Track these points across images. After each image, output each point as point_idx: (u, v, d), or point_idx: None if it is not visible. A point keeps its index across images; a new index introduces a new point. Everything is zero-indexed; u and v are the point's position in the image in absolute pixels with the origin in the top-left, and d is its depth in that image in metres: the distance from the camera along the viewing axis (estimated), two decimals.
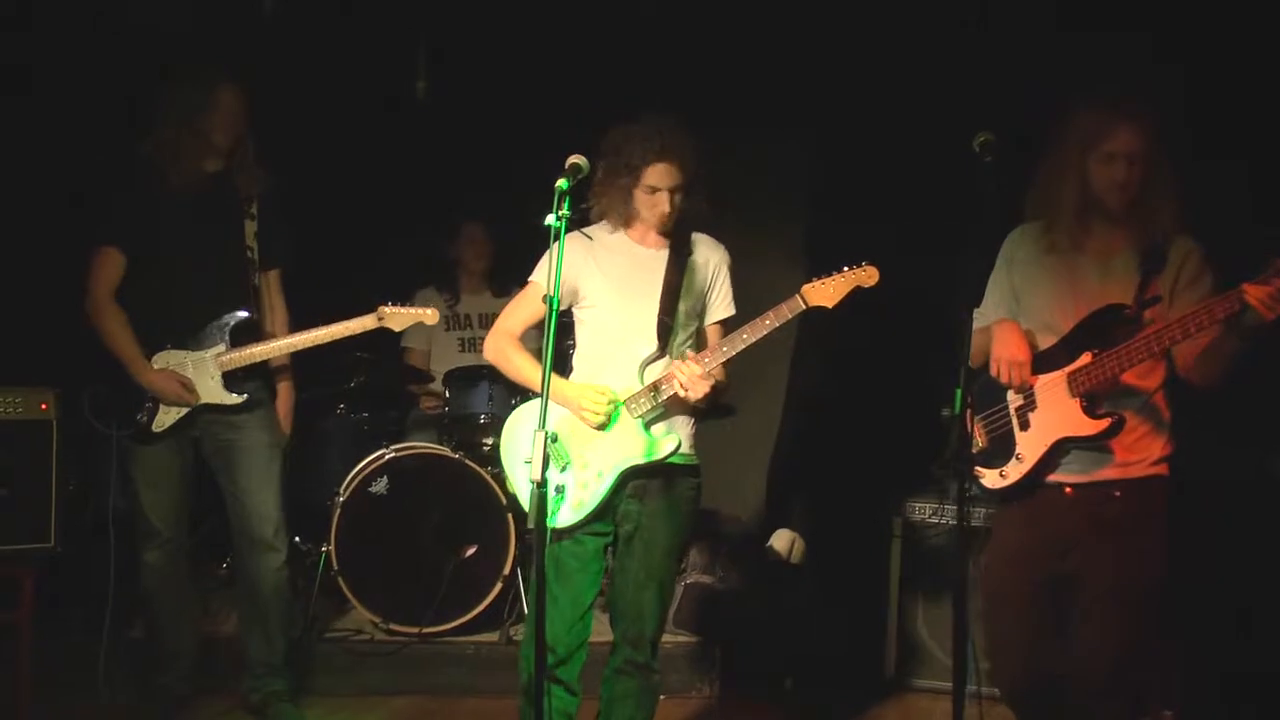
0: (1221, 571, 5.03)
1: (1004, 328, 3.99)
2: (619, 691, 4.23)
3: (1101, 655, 3.87)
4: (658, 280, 4.17)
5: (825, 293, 3.97)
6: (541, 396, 3.51)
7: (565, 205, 3.58)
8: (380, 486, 5.96)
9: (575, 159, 3.78)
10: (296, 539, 6.40)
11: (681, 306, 4.18)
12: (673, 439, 4.10)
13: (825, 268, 4.01)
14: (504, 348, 4.30)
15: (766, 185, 6.81)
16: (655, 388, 4.06)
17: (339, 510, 5.93)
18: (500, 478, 5.80)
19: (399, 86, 6.99)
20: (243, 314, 5.04)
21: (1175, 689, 5.03)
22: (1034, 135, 3.95)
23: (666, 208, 4.08)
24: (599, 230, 4.23)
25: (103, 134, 5.66)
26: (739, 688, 5.79)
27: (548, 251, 4.12)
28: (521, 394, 5.93)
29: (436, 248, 7.13)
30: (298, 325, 5.23)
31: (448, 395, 6.47)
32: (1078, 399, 3.86)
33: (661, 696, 4.42)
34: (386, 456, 5.99)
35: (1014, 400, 4.03)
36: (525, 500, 4.15)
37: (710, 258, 4.27)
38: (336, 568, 5.89)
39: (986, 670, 4.21)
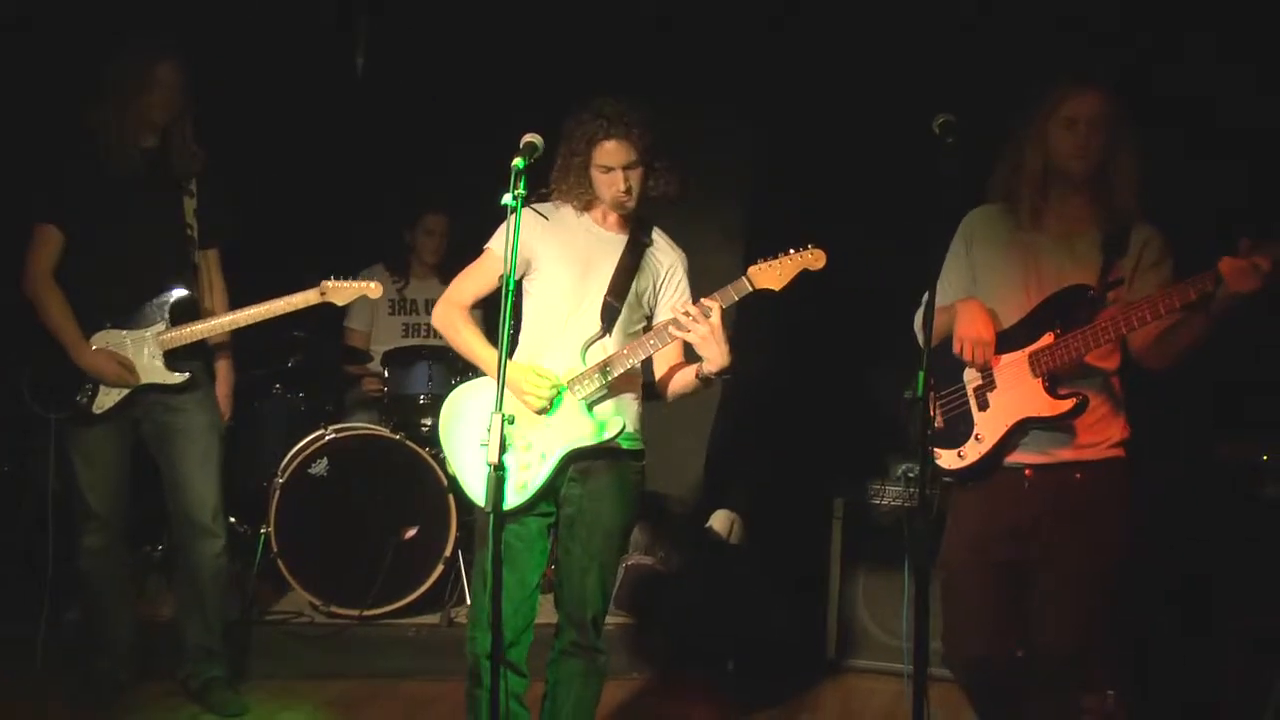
0: (1159, 552, 5.08)
1: (968, 306, 3.97)
2: (565, 673, 4.20)
3: (1064, 637, 3.89)
4: (611, 261, 4.13)
5: (772, 275, 3.92)
6: (499, 377, 3.49)
7: (521, 184, 3.55)
8: (320, 468, 5.91)
9: (530, 137, 3.72)
10: (233, 520, 6.32)
11: (632, 291, 4.13)
12: (618, 420, 4.06)
13: (771, 250, 3.98)
14: (453, 319, 4.22)
15: (715, 166, 6.79)
16: (603, 368, 4.01)
17: (278, 492, 5.87)
18: (441, 459, 5.76)
19: (352, 64, 6.92)
20: (182, 291, 4.96)
21: (1117, 668, 5.08)
22: (994, 118, 3.95)
23: (622, 185, 4.03)
24: (557, 207, 4.18)
25: (40, 108, 5.52)
26: (679, 670, 5.80)
27: (508, 221, 4.11)
28: (461, 375, 5.90)
29: (392, 228, 7.05)
30: (247, 305, 5.11)
31: (386, 375, 6.42)
32: (1040, 379, 3.87)
33: None
34: (326, 437, 5.93)
35: (972, 380, 4.03)
36: (468, 483, 4.16)
37: (668, 253, 4.24)
38: (276, 550, 5.84)
39: (935, 650, 4.22)
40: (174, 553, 5.11)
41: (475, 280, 4.24)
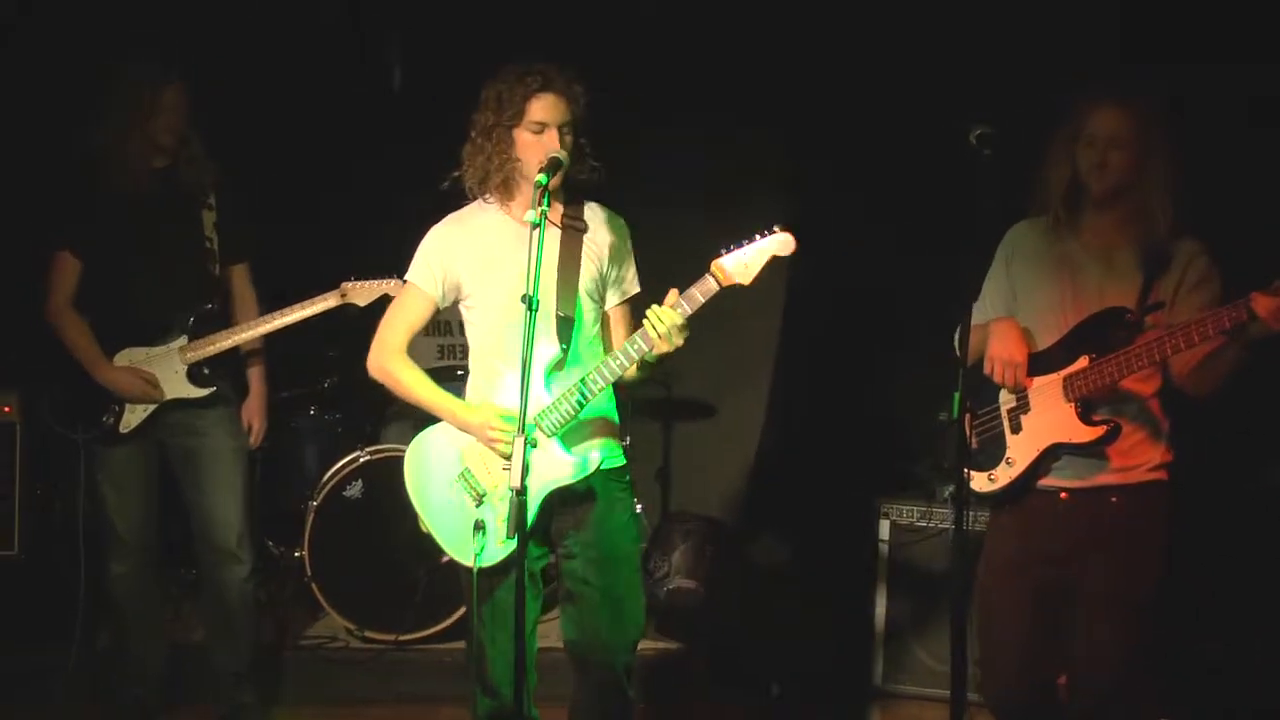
0: (1216, 575, 4.95)
1: (1002, 325, 3.88)
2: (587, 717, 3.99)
3: (1102, 663, 3.80)
4: (550, 265, 3.77)
5: (739, 268, 3.56)
6: (521, 399, 3.36)
7: (545, 200, 3.44)
8: (355, 490, 5.85)
9: (555, 152, 3.64)
10: (269, 543, 6.31)
11: (582, 295, 3.83)
12: (598, 453, 3.80)
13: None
14: (386, 365, 3.94)
15: (747, 175, 6.68)
16: (574, 396, 3.71)
17: (312, 514, 5.81)
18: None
19: (383, 78, 6.85)
20: (203, 305, 4.91)
21: (1171, 696, 4.94)
22: (1029, 125, 3.82)
23: (557, 145, 3.68)
24: (475, 211, 3.91)
25: (52, 130, 5.46)
26: (723, 696, 5.67)
27: (422, 247, 3.93)
28: None
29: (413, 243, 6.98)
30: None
31: None
32: (1073, 404, 3.77)
33: (641, 705, 4.31)
34: (361, 459, 5.86)
35: (1006, 401, 3.94)
36: (445, 540, 3.98)
37: (606, 228, 3.92)
38: (310, 573, 5.78)
39: (973, 676, 4.12)
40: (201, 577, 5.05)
41: (403, 318, 3.97)
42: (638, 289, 4.01)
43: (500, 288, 3.78)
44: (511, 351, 3.57)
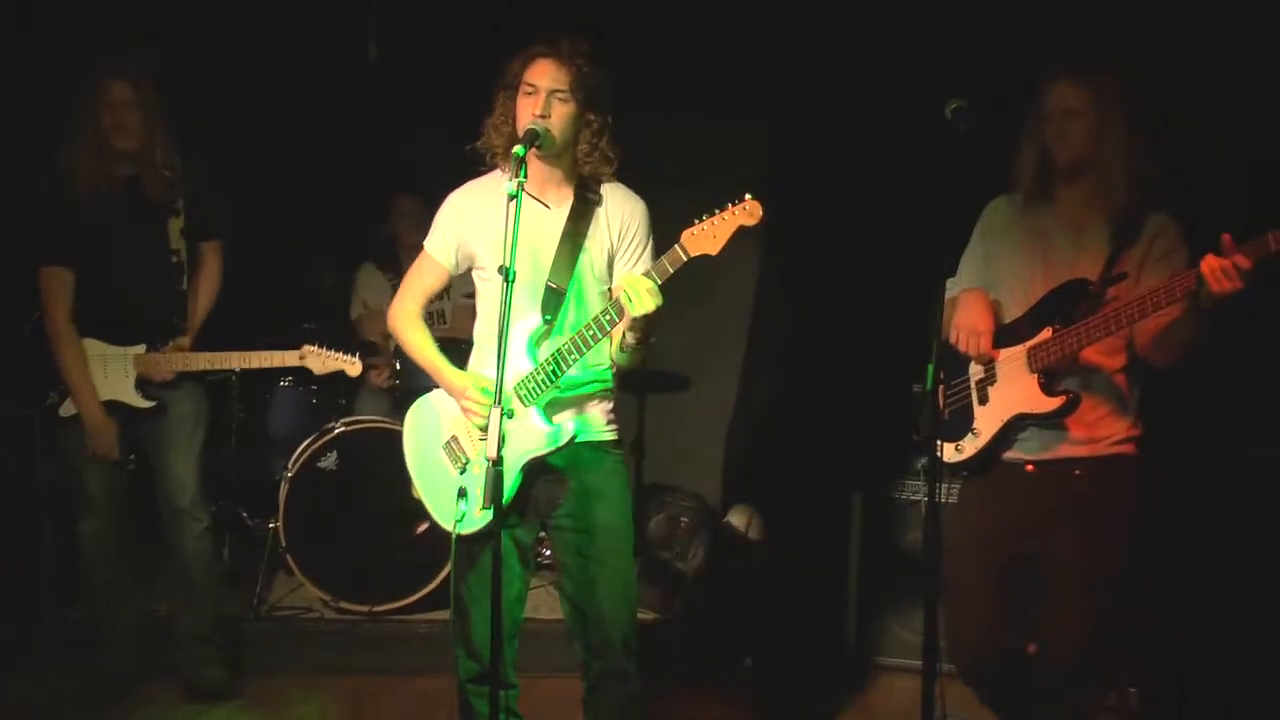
0: (1183, 551, 4.96)
1: (968, 295, 3.94)
2: (599, 711, 3.98)
3: (1067, 635, 3.84)
4: (553, 237, 3.80)
5: (707, 239, 3.51)
6: (498, 369, 3.36)
7: (522, 172, 3.44)
8: (329, 462, 5.85)
9: (532, 123, 3.62)
10: (244, 514, 6.30)
11: (581, 270, 3.81)
12: (570, 426, 3.78)
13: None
14: (397, 325, 4.07)
15: (733, 154, 6.65)
16: (547, 368, 3.71)
17: (287, 486, 5.82)
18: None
19: (350, 51, 6.78)
20: (167, 319, 4.94)
21: (1140, 667, 4.98)
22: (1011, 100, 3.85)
23: (539, 109, 3.64)
24: (491, 179, 3.89)
25: (32, 136, 5.38)
26: (696, 667, 5.68)
27: (439, 214, 3.94)
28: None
29: (373, 222, 6.97)
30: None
31: (398, 367, 6.37)
32: (1036, 375, 3.81)
33: None
34: (336, 430, 5.87)
35: (975, 373, 3.99)
36: (431, 504, 4.03)
37: (621, 210, 3.85)
38: (284, 544, 5.78)
39: (945, 647, 4.12)
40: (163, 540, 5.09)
41: (418, 284, 4.04)
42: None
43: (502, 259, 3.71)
44: (512, 325, 3.53)
